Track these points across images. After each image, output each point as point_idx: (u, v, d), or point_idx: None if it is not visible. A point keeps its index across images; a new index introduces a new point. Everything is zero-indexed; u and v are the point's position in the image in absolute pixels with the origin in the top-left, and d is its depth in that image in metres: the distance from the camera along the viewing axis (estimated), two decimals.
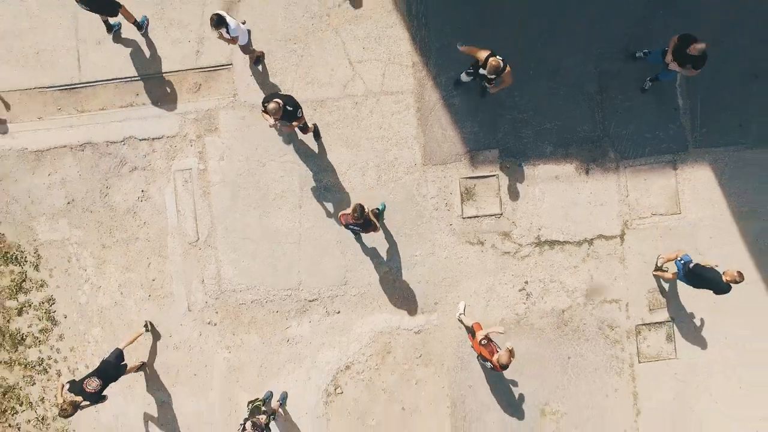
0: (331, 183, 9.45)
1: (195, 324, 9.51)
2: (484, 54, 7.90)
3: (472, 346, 8.86)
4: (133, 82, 9.49)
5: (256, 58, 9.36)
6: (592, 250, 9.51)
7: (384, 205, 9.33)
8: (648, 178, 9.53)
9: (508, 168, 9.46)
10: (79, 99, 9.52)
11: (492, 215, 9.48)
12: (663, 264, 9.30)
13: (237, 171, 9.45)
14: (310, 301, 9.49)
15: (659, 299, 9.54)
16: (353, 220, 7.90)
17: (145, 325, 9.43)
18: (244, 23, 9.08)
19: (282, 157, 9.44)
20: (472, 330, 8.72)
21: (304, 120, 8.45)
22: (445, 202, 9.48)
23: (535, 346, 9.49)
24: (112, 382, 8.45)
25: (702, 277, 8.34)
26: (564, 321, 9.51)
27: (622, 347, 9.55)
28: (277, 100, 7.79)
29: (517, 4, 9.42)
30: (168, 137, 9.49)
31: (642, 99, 9.49)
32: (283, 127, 8.73)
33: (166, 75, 9.47)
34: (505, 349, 7.80)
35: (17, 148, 9.47)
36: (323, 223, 9.43)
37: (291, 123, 8.28)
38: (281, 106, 7.78)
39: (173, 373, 9.52)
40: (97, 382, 8.16)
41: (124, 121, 9.48)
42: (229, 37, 8.24)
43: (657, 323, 9.55)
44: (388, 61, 9.47)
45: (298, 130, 9.05)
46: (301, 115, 8.20)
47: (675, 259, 8.94)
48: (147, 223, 9.52)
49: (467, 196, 9.48)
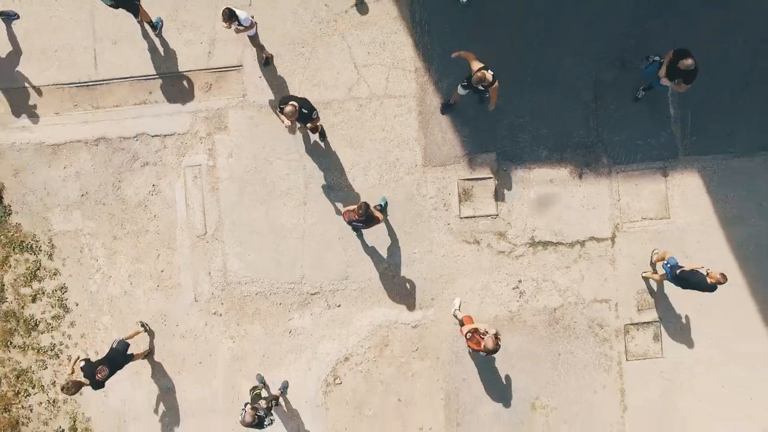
0: (335, 181, 9.78)
1: (201, 314, 9.88)
2: (477, 65, 8.08)
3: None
4: (146, 80, 9.85)
5: (266, 59, 9.70)
6: (584, 252, 9.85)
7: (385, 201, 9.65)
8: (639, 184, 9.86)
9: (505, 171, 9.80)
10: (94, 96, 9.90)
11: (488, 216, 9.81)
12: (656, 260, 9.59)
13: (245, 168, 9.81)
14: (312, 294, 9.85)
15: (647, 300, 9.88)
16: (357, 217, 8.20)
17: (143, 325, 9.76)
18: (252, 17, 9.42)
19: (288, 155, 9.80)
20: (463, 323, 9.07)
21: (319, 121, 8.72)
22: (443, 202, 9.81)
23: (527, 342, 9.84)
24: (118, 370, 8.83)
25: (688, 281, 8.69)
26: (555, 319, 9.85)
27: (611, 345, 9.89)
28: (294, 103, 8.10)
29: (515, 15, 9.74)
30: (179, 134, 9.86)
31: (635, 107, 9.79)
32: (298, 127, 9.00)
33: (178, 74, 9.82)
34: (489, 335, 8.10)
35: (35, 141, 9.86)
36: (326, 219, 9.78)
37: (306, 124, 8.61)
38: (297, 109, 8.08)
39: (179, 361, 9.88)
40: (107, 371, 8.55)
41: (138, 118, 9.84)
42: (243, 28, 8.60)
43: (645, 323, 9.88)
44: (392, 65, 9.81)
45: (309, 132, 9.41)
46: (316, 117, 8.48)
47: (662, 259, 9.31)
48: (157, 216, 9.88)
49: (465, 196, 9.83)
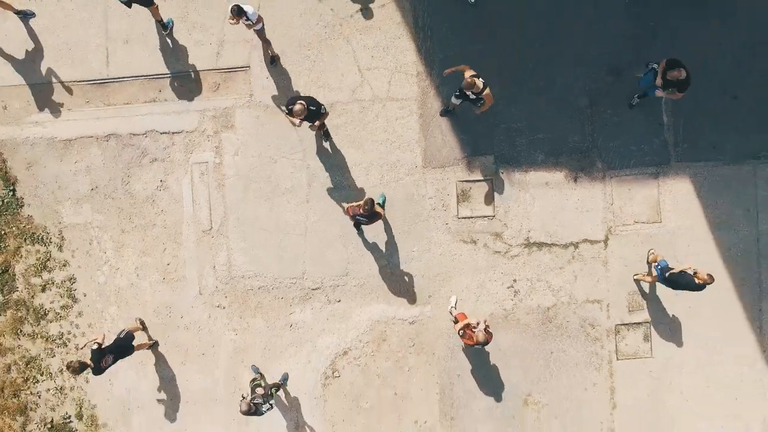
0: (337, 180, 10.07)
1: (205, 307, 10.18)
2: (469, 73, 8.40)
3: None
4: (157, 79, 10.15)
5: (272, 58, 9.98)
6: (578, 253, 10.15)
7: (384, 197, 9.92)
8: (632, 188, 10.14)
9: (502, 173, 10.08)
10: (106, 93, 10.20)
11: (485, 216, 10.11)
12: (651, 261, 9.82)
13: (250, 166, 10.12)
14: (313, 289, 10.15)
15: (638, 301, 10.17)
16: (363, 212, 8.49)
17: (141, 323, 10.03)
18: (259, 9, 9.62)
19: (292, 154, 10.10)
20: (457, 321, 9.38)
21: (327, 116, 8.98)
22: (442, 202, 10.11)
23: (521, 340, 10.14)
24: (120, 359, 9.13)
25: (677, 282, 9.02)
26: (548, 318, 10.14)
27: (602, 345, 10.18)
28: (302, 102, 8.39)
29: (515, 25, 10.03)
30: (187, 132, 10.16)
31: (629, 114, 10.05)
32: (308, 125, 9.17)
33: (187, 74, 10.12)
34: (479, 329, 8.50)
35: (47, 136, 10.16)
36: (328, 217, 10.08)
37: (315, 122, 8.87)
38: (306, 107, 8.38)
39: (183, 351, 10.19)
40: (110, 361, 8.87)
41: (147, 116, 10.14)
42: (251, 23, 8.90)
43: (635, 323, 10.17)
44: (395, 69, 10.10)
45: (317, 131, 9.65)
46: (324, 111, 8.75)
47: (655, 260, 9.59)
48: (164, 211, 10.18)
49: (463, 197, 10.13)
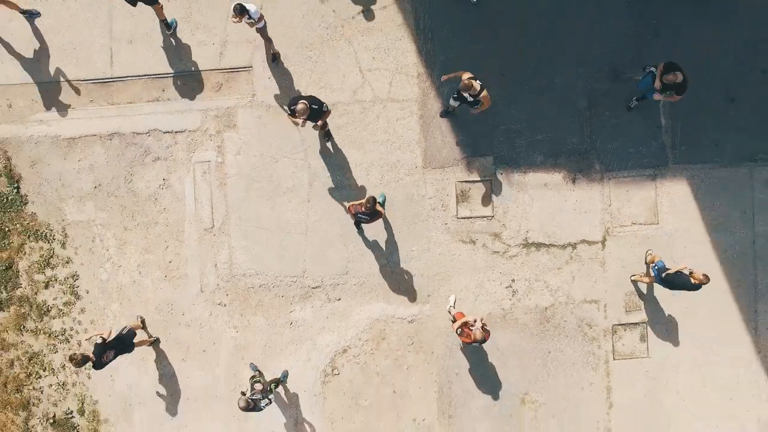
0: (338, 180, 10.18)
1: (206, 304, 10.29)
2: (467, 75, 8.55)
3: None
4: (160, 78, 10.27)
5: (273, 55, 10.06)
6: (575, 254, 10.26)
7: (384, 197, 10.03)
8: (630, 190, 10.25)
9: (501, 174, 10.19)
10: (110, 92, 10.31)
11: (484, 217, 10.22)
12: (649, 261, 9.93)
13: (252, 165, 10.22)
14: (314, 288, 10.26)
15: (635, 302, 10.28)
16: (365, 210, 8.61)
17: (142, 321, 10.14)
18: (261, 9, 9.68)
19: (294, 154, 10.21)
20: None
21: (330, 114, 9.08)
22: (441, 202, 10.22)
23: (519, 339, 10.25)
24: (120, 355, 9.23)
25: (673, 283, 9.13)
26: (546, 318, 10.25)
27: (599, 345, 10.29)
28: (304, 101, 8.49)
29: (514, 28, 10.15)
30: (190, 131, 10.27)
31: (628, 117, 10.18)
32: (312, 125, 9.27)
33: (190, 74, 10.24)
34: (476, 327, 8.64)
35: (51, 134, 10.27)
36: (329, 216, 10.19)
37: (318, 120, 8.97)
38: (308, 106, 8.49)
39: (184, 348, 10.29)
40: (111, 356, 8.99)
41: (150, 115, 10.26)
42: (253, 21, 8.99)
43: (632, 324, 10.28)
44: (396, 70, 10.22)
45: (319, 131, 9.77)
46: (327, 109, 8.86)
47: (653, 262, 9.70)
48: (167, 209, 10.29)
49: (462, 198, 10.24)
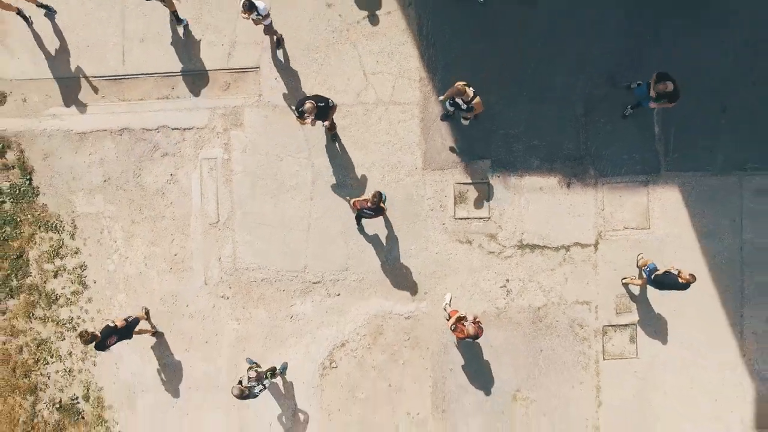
0: (340, 179, 10.48)
1: (210, 297, 10.60)
2: (460, 83, 8.85)
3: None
4: (170, 77, 10.60)
5: (277, 40, 10.33)
6: (569, 256, 10.56)
7: (385, 196, 10.20)
8: (622, 195, 10.54)
9: (498, 177, 10.50)
10: (121, 89, 10.65)
11: (481, 218, 10.53)
12: (641, 265, 10.17)
13: (257, 163, 10.54)
14: (314, 283, 10.57)
15: (626, 304, 10.57)
16: (371, 205, 8.90)
17: (146, 312, 10.46)
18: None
19: (298, 153, 10.52)
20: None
21: (336, 110, 9.33)
22: (439, 203, 10.52)
23: (512, 337, 10.55)
24: (122, 341, 9.61)
25: (663, 283, 9.41)
26: (539, 317, 10.55)
27: (590, 345, 10.58)
28: (311, 101, 8.78)
29: (515, 36, 10.44)
30: (198, 128, 10.59)
31: (622, 124, 10.47)
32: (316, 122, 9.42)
33: (200, 73, 10.56)
34: (469, 322, 8.95)
35: (64, 129, 10.61)
36: (331, 214, 10.49)
37: (326, 119, 9.26)
38: (315, 105, 8.77)
39: (187, 339, 10.61)
40: (115, 340, 9.42)
41: (160, 112, 10.58)
42: (261, 17, 9.27)
43: (622, 325, 10.57)
44: (399, 74, 10.53)
45: (326, 129, 10.06)
46: (333, 104, 9.13)
47: (645, 265, 9.99)
48: (173, 203, 10.61)
49: (460, 199, 10.54)
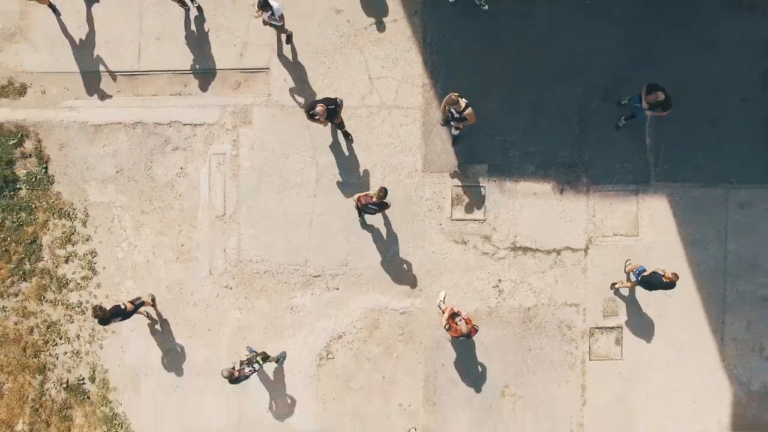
0: (343, 178, 10.89)
1: (214, 286, 11.03)
2: (454, 94, 9.26)
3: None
4: (183, 74, 11.04)
5: (287, 37, 10.75)
6: (559, 259, 10.95)
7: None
8: (613, 203, 10.92)
9: (495, 181, 10.90)
10: (136, 84, 11.10)
11: (476, 220, 10.93)
12: (628, 270, 10.54)
13: (264, 160, 10.96)
14: (314, 276, 10.99)
15: (612, 308, 10.95)
16: (376, 200, 9.30)
17: (153, 299, 10.89)
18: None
19: (303, 152, 10.94)
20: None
21: (342, 107, 9.74)
22: (437, 204, 10.92)
23: (502, 336, 10.95)
24: (125, 320, 10.14)
25: (650, 283, 9.80)
26: (529, 317, 10.95)
27: (577, 345, 10.97)
28: (322, 104, 9.21)
29: (517, 44, 10.85)
30: (208, 125, 11.02)
31: (615, 135, 10.83)
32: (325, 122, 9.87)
33: (212, 71, 11.00)
34: (462, 321, 9.36)
35: (80, 121, 11.06)
36: (333, 211, 10.91)
37: (336, 119, 9.68)
38: (326, 107, 9.21)
39: (191, 326, 11.05)
40: (119, 320, 9.99)
41: (172, 107, 11.02)
42: (275, 17, 9.65)
43: (608, 328, 10.96)
44: (402, 80, 10.94)
45: (337, 128, 10.47)
46: (341, 103, 9.56)
47: (633, 269, 10.38)
48: (182, 195, 11.04)
49: (457, 201, 10.95)
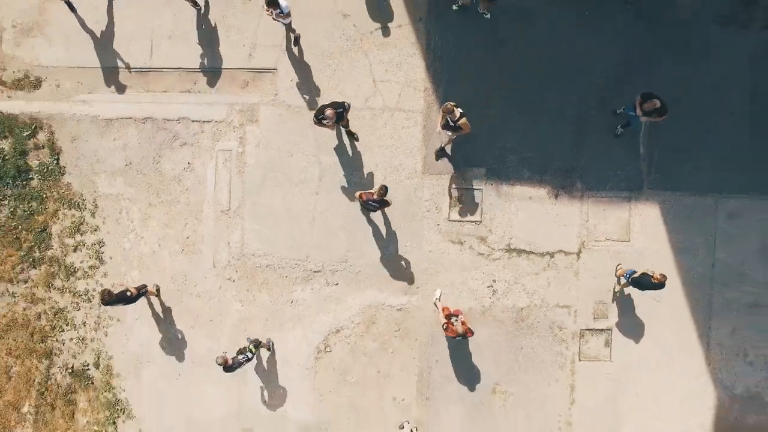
0: (345, 178, 11.22)
1: (217, 279, 11.37)
2: (450, 104, 9.53)
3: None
4: (193, 72, 11.38)
5: (294, 39, 11.09)
6: (553, 262, 11.27)
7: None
8: (606, 209, 11.23)
9: (492, 185, 11.21)
10: (147, 81, 11.44)
11: (473, 222, 11.24)
12: (619, 274, 10.89)
13: (269, 157, 11.29)
14: (315, 272, 11.32)
15: (603, 310, 11.27)
16: (377, 197, 9.60)
17: (157, 289, 11.23)
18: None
19: (308, 151, 11.26)
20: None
21: (350, 109, 10.08)
22: (435, 205, 11.24)
23: (495, 335, 11.27)
24: (128, 304, 10.50)
25: (641, 284, 10.12)
26: (521, 317, 11.27)
27: (567, 346, 11.29)
28: (331, 108, 9.52)
29: (516, 49, 11.17)
30: (216, 122, 11.36)
31: (610, 142, 11.13)
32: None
33: (221, 70, 11.33)
34: (457, 321, 9.71)
35: (92, 114, 11.40)
36: (335, 209, 11.24)
37: (343, 121, 10.02)
38: (335, 111, 9.53)
39: (193, 317, 11.38)
40: (122, 304, 10.33)
41: (182, 104, 11.35)
42: (283, 14, 9.97)
43: (598, 330, 11.26)
44: (405, 84, 11.26)
45: (343, 129, 10.82)
46: (348, 106, 9.91)
47: (623, 273, 10.69)
48: (189, 190, 11.37)
49: (455, 203, 11.29)
